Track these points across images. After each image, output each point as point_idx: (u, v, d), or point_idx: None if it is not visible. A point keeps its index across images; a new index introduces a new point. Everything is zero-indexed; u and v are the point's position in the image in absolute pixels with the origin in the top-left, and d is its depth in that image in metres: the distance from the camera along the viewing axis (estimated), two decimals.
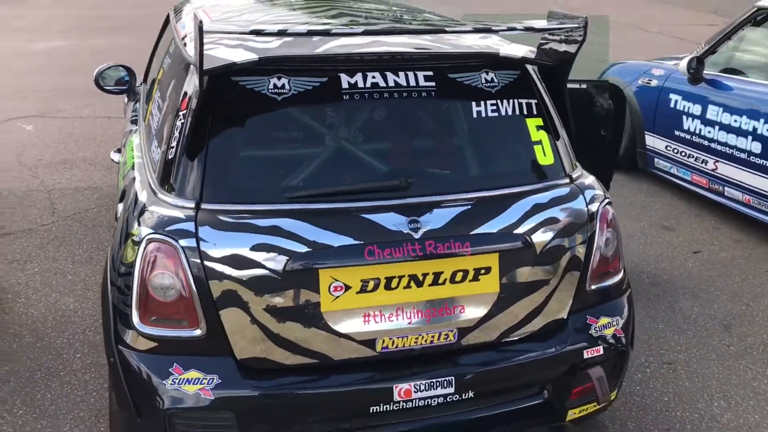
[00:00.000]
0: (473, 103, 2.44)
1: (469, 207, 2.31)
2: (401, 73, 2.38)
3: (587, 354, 2.44)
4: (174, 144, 2.30)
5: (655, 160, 5.52)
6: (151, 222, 2.19)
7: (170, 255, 2.13)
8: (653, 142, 5.50)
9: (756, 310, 3.88)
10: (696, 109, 5.06)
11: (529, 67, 2.58)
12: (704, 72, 5.06)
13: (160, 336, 2.17)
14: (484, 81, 2.47)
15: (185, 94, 2.38)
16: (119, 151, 3.74)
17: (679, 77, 5.25)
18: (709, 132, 4.94)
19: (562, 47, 2.48)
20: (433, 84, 2.40)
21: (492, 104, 2.46)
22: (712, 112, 4.92)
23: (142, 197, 2.34)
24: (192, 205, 2.18)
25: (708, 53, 5.08)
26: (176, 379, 2.15)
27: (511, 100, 2.48)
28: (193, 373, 2.15)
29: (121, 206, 2.63)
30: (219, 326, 2.15)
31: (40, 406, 2.98)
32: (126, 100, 4.29)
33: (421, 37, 2.58)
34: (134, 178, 2.58)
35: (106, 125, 6.71)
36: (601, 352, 2.47)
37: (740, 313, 3.85)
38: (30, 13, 13.67)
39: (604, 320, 2.50)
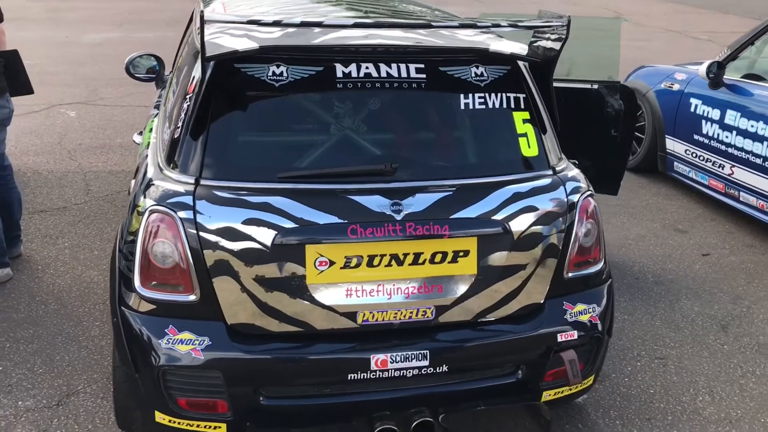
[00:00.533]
0: (462, 96, 2.58)
1: (451, 193, 2.45)
2: (394, 65, 2.53)
3: (561, 338, 2.56)
4: (180, 124, 2.49)
5: (675, 163, 5.55)
6: (155, 195, 2.38)
7: (170, 225, 2.32)
8: (673, 145, 5.54)
9: (756, 312, 3.92)
10: (715, 114, 5.09)
11: (521, 62, 2.71)
12: (725, 77, 5.09)
13: (159, 299, 2.36)
14: (473, 75, 2.60)
15: (193, 78, 2.58)
16: (141, 133, 3.98)
17: (701, 82, 5.28)
18: (727, 137, 4.96)
19: (548, 45, 2.60)
20: (423, 76, 2.54)
21: (480, 97, 2.59)
22: (731, 117, 4.95)
23: (150, 173, 2.54)
24: (192, 180, 2.36)
25: (729, 58, 5.11)
26: (170, 339, 2.34)
27: (499, 94, 2.61)
28: (186, 335, 2.34)
29: (133, 182, 2.84)
30: (212, 293, 2.33)
31: (59, 367, 3.22)
32: (156, 88, 4.53)
33: (416, 31, 2.73)
34: (146, 156, 2.79)
35: (144, 113, 6.99)
36: (575, 336, 2.58)
37: (740, 314, 3.90)
38: (87, 5, 14.18)
39: (580, 307, 2.61)
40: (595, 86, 4.07)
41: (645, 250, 4.64)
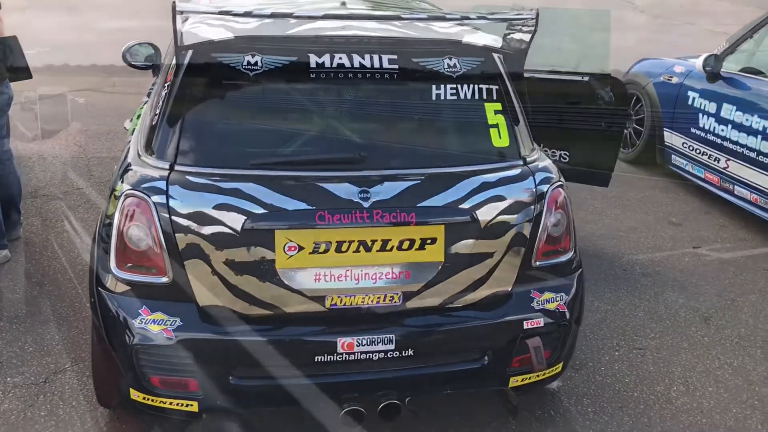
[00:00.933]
0: (433, 86, 2.62)
1: (419, 182, 2.50)
2: (367, 56, 2.58)
3: (527, 325, 2.61)
4: (158, 111, 2.57)
5: (673, 156, 5.55)
6: (131, 180, 2.47)
7: (144, 209, 2.40)
8: (671, 138, 5.53)
9: (741, 305, 3.94)
10: (711, 107, 5.09)
11: (494, 54, 2.75)
12: (722, 70, 5.08)
13: (133, 281, 2.45)
14: (446, 66, 2.65)
15: (172, 67, 2.65)
16: (132, 120, 4.07)
17: (698, 74, 5.27)
18: (723, 130, 4.96)
19: (519, 37, 2.64)
20: (396, 67, 2.59)
21: (452, 88, 2.63)
22: (727, 111, 4.94)
23: (129, 158, 2.62)
24: (166, 166, 2.44)
25: (728, 52, 5.09)
26: (144, 319, 2.42)
27: (471, 85, 2.66)
28: (158, 315, 2.42)
29: (116, 167, 2.92)
30: (183, 275, 2.41)
31: (48, 346, 3.32)
32: (152, 76, 4.62)
33: (391, 23, 2.77)
34: (129, 142, 2.87)
35: None
36: (542, 324, 2.62)
37: (724, 306, 3.92)
38: None
39: (548, 295, 2.66)
40: (586, 78, 4.09)
41: (636, 242, 4.66)
